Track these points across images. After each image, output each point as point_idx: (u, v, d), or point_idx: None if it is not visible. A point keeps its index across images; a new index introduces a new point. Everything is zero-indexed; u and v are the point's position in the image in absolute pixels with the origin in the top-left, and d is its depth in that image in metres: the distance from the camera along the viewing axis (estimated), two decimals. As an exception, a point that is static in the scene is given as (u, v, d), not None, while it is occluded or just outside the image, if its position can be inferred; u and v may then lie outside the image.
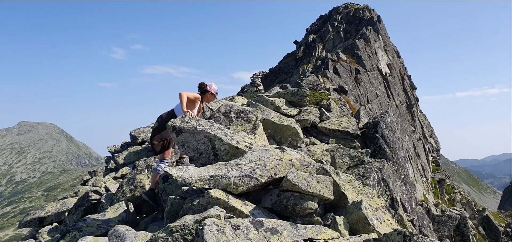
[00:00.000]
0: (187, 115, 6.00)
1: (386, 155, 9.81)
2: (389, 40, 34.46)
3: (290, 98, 12.13)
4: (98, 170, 14.32)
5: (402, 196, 9.30)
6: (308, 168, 5.58)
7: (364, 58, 23.21)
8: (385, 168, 8.22)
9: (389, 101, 24.28)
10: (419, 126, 31.66)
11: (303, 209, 4.53)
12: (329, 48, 29.24)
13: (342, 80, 18.84)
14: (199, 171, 4.81)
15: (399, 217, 8.05)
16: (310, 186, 4.64)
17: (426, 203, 16.24)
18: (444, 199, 25.12)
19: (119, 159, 11.76)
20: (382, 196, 7.61)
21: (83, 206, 7.95)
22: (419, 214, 10.00)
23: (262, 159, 5.15)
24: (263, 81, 30.82)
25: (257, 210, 4.50)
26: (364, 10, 33.70)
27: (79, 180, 17.79)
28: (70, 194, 11.12)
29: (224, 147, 5.64)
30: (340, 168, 8.12)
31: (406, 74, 35.57)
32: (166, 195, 6.12)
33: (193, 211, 4.42)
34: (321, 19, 40.31)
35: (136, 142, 12.53)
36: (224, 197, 4.35)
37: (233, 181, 4.58)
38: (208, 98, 7.25)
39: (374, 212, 5.06)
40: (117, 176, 10.47)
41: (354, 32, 29.91)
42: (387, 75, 26.54)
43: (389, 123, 10.85)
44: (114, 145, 14.35)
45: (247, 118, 8.49)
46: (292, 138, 9.67)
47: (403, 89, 31.01)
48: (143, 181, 7.27)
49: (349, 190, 5.48)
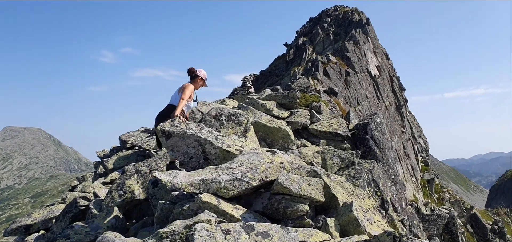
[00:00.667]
0: (176, 119, 5.95)
1: (376, 156, 9.86)
2: (378, 42, 34.75)
3: (281, 100, 12.14)
4: (87, 175, 14.14)
5: (392, 196, 9.35)
6: (299, 171, 5.57)
7: (354, 60, 23.36)
8: (375, 169, 8.27)
9: (378, 103, 24.46)
10: (408, 126, 31.95)
11: (294, 211, 4.51)
12: (319, 51, 29.37)
13: (332, 82, 18.92)
14: (189, 175, 4.77)
15: (390, 217, 8.09)
16: (301, 189, 4.63)
17: (416, 203, 16.37)
18: (433, 198, 25.36)
19: (108, 164, 11.61)
20: (372, 196, 7.64)
21: (71, 212, 7.80)
22: (409, 214, 10.08)
23: (253, 162, 5.13)
24: (254, 84, 30.81)
25: (248, 213, 4.47)
26: (353, 13, 33.93)
27: (68, 185, 17.52)
28: (58, 200, 10.94)
29: (214, 151, 5.60)
30: (331, 170, 8.13)
31: (395, 75, 35.88)
32: (156, 200, 6.05)
33: (183, 216, 4.37)
34: (311, 21, 40.48)
35: (125, 147, 12.40)
36: (214, 202, 4.31)
37: (224, 185, 4.54)
38: (198, 83, 7.12)
39: (365, 213, 5.06)
40: (107, 181, 10.33)
41: (343, 35, 30.09)
42: (376, 77, 26.74)
43: (379, 124, 10.92)
44: (103, 149, 14.18)
45: (238, 121, 8.47)
46: (283, 140, 9.67)
47: (392, 90, 31.27)
48: (133, 186, 7.18)
49: (339, 191, 5.49)
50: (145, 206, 7.11)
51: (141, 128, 13.49)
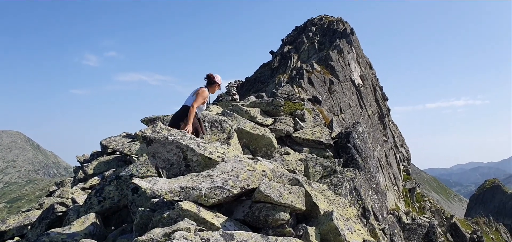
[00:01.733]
0: (159, 127, 5.87)
1: (358, 165, 9.94)
2: (362, 52, 35.20)
3: (265, 108, 12.15)
4: (66, 181, 13.84)
5: (373, 205, 9.42)
6: (281, 179, 5.56)
7: (338, 69, 23.59)
8: (357, 178, 8.32)
9: (361, 112, 24.73)
10: (390, 135, 32.37)
11: (275, 220, 4.48)
12: (304, 59, 29.59)
13: (316, 91, 19.06)
14: (170, 182, 4.70)
15: (371, 226, 8.14)
16: (282, 197, 4.61)
17: (397, 212, 16.55)
18: (414, 207, 25.69)
19: (88, 169, 11.40)
20: (354, 205, 7.68)
21: (47, 218, 7.61)
22: (390, 222, 10.16)
23: (235, 170, 5.09)
24: (239, 90, 30.78)
25: (228, 222, 4.42)
26: (338, 23, 34.33)
27: (46, 191, 17.11)
28: (34, 206, 10.67)
29: (196, 158, 5.54)
30: (313, 178, 8.15)
31: (378, 85, 36.36)
32: (136, 207, 5.95)
33: (162, 223, 4.30)
34: (296, 30, 40.78)
35: (106, 152, 12.20)
36: (194, 209, 4.25)
37: (205, 192, 4.49)
38: (215, 88, 7.58)
39: (345, 222, 5.07)
40: (86, 187, 10.13)
41: (328, 44, 30.40)
42: (360, 86, 27.05)
43: (361, 133, 11.02)
44: (83, 154, 13.92)
45: (221, 127, 8.42)
46: (267, 148, 9.67)
47: (375, 100, 31.67)
48: (112, 192, 7.05)
49: (321, 200, 5.49)
50: (124, 213, 6.99)
51: (123, 133, 13.30)
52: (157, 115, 12.67)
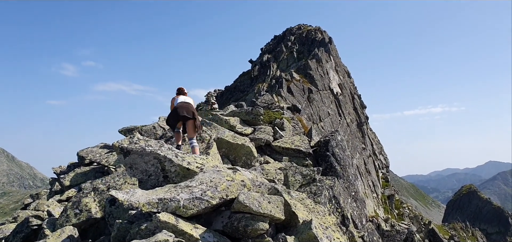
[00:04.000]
0: (137, 138, 5.81)
1: (337, 173, 10.05)
2: (340, 60, 35.73)
3: (245, 117, 12.17)
4: (42, 193, 13.48)
5: (352, 213, 9.54)
6: (260, 188, 5.58)
7: (316, 78, 23.87)
8: (336, 186, 8.41)
9: (340, 120, 25.03)
10: (369, 143, 32.85)
11: (254, 230, 4.49)
12: (283, 68, 29.82)
13: (295, 99, 19.21)
14: (147, 194, 4.66)
15: (350, 234, 8.23)
16: (261, 207, 4.63)
17: (377, 219, 16.75)
18: (393, 214, 26.06)
19: (65, 181, 11.13)
20: (333, 213, 7.75)
21: (22, 232, 7.41)
22: (369, 230, 10.28)
23: (214, 180, 5.08)
24: (219, 99, 30.75)
25: (207, 233, 4.41)
26: (316, 32, 34.80)
27: (21, 203, 16.59)
28: (9, 219, 10.35)
29: (174, 169, 5.51)
30: (293, 186, 8.19)
31: (356, 93, 36.94)
32: (113, 219, 5.86)
33: (140, 235, 4.25)
34: (275, 39, 41.13)
35: (83, 163, 11.94)
36: (173, 221, 4.22)
37: (183, 203, 4.47)
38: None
39: (324, 231, 5.13)
40: (62, 199, 9.89)
41: (306, 53, 30.75)
42: (338, 94, 27.42)
43: (339, 141, 11.16)
44: (60, 165, 13.59)
45: (200, 137, 8.40)
46: (247, 157, 9.67)
47: (354, 108, 32.14)
48: (89, 204, 6.92)
49: (300, 209, 5.53)
50: (102, 225, 6.87)
51: (101, 144, 13.07)
52: (136, 126, 12.52)
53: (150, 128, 11.94)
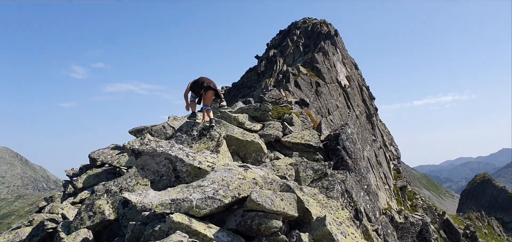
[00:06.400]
0: (148, 139, 5.83)
1: (348, 166, 9.98)
2: (347, 53, 35.47)
3: (253, 113, 12.13)
4: (55, 195, 13.63)
5: (365, 206, 9.46)
6: (272, 185, 5.55)
7: (324, 71, 23.71)
8: (348, 179, 8.35)
9: (349, 112, 24.87)
10: (379, 134, 32.63)
11: (268, 228, 4.47)
12: (290, 62, 29.69)
13: (303, 93, 19.12)
14: (160, 195, 4.66)
15: (364, 227, 8.16)
16: (274, 205, 4.60)
17: (390, 211, 16.65)
18: (406, 205, 25.87)
19: (78, 183, 11.24)
20: (346, 207, 7.70)
21: (37, 236, 7.49)
22: (383, 223, 10.21)
23: (225, 179, 5.07)
24: (226, 96, 30.78)
25: (221, 232, 4.40)
26: (322, 25, 34.55)
27: (35, 206, 16.82)
28: (24, 223, 10.49)
29: (185, 168, 5.51)
30: (304, 182, 8.15)
31: (364, 85, 36.65)
32: (127, 221, 5.88)
33: (154, 237, 4.26)
34: (280, 34, 40.95)
35: (95, 165, 12.04)
36: (186, 221, 4.22)
37: (196, 204, 4.46)
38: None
39: (338, 226, 5.09)
40: (76, 201, 9.98)
41: (313, 46, 30.55)
42: (346, 87, 27.23)
43: (350, 135, 11.07)
44: (72, 168, 13.72)
45: (210, 136, 8.40)
46: (256, 153, 9.64)
47: (362, 100, 31.91)
48: (103, 206, 6.97)
49: (313, 204, 5.49)
50: (116, 226, 6.91)
51: (112, 145, 13.16)
52: (146, 126, 12.55)
53: (160, 128, 11.96)
